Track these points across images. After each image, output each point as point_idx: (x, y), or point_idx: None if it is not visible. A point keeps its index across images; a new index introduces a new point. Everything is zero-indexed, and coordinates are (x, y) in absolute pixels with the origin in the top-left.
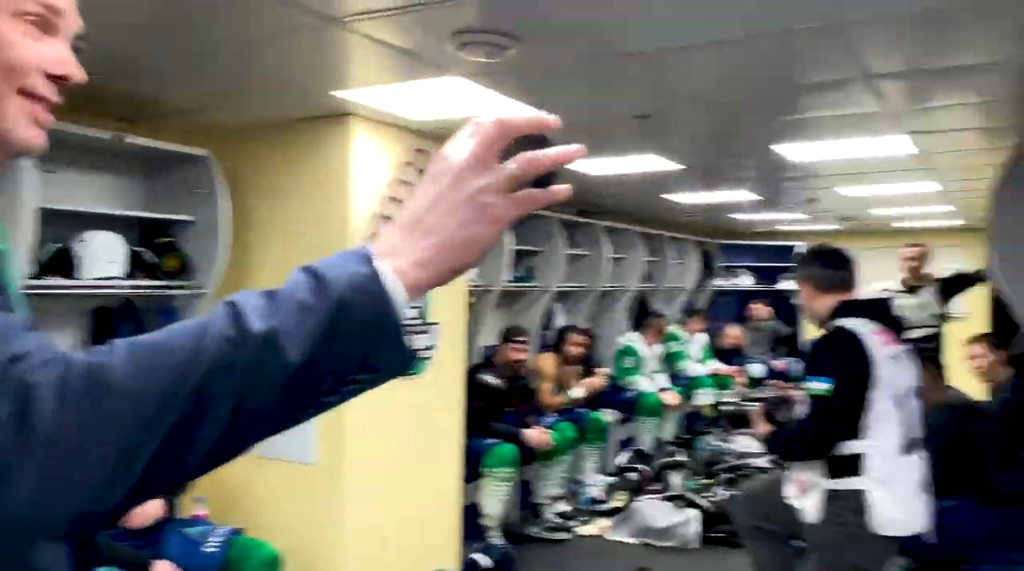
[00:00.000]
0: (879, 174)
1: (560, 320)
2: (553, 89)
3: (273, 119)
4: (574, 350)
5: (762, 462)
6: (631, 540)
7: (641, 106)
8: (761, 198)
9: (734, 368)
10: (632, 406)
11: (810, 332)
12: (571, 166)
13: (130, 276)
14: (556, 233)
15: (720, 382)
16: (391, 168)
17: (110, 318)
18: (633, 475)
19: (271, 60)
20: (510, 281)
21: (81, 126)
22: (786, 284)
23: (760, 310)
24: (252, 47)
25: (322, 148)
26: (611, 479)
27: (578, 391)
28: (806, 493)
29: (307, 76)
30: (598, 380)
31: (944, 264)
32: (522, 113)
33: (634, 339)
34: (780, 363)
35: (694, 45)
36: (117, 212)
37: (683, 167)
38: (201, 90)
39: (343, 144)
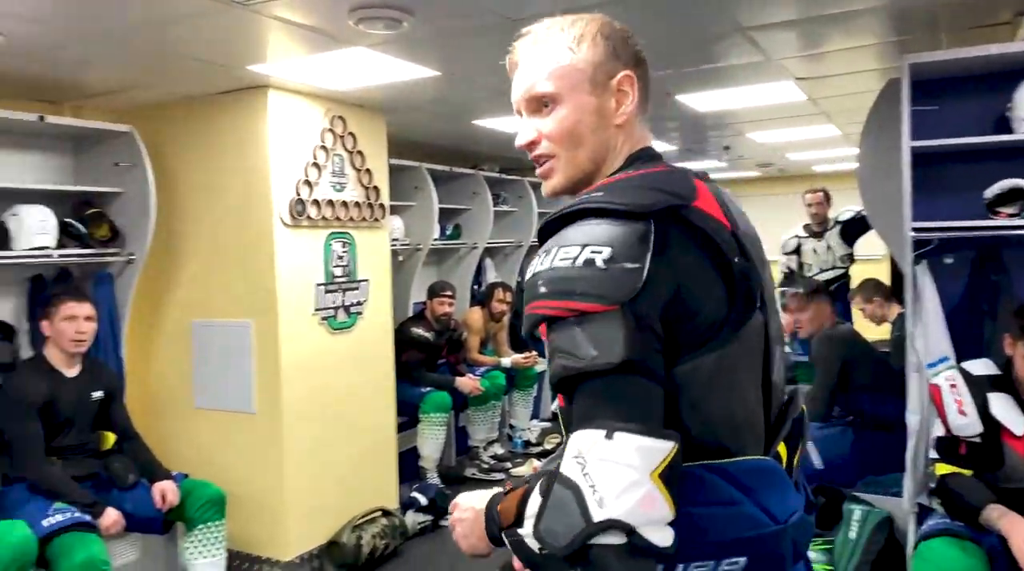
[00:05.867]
0: (781, 120)
1: (491, 275)
2: (454, 56)
3: (193, 94)
4: (499, 306)
5: None
6: None
7: None
8: (680, 148)
9: None
10: None
11: None
12: (490, 126)
13: (61, 246)
14: (482, 190)
15: None
16: (311, 135)
17: (46, 285)
18: None
19: (185, 40)
20: (438, 239)
21: (5, 110)
22: None
23: None
24: (165, 29)
25: (241, 119)
26: (545, 423)
27: (506, 361)
28: None
29: (221, 53)
30: (528, 361)
31: (846, 207)
32: None
33: None
34: None
35: (582, 6)
36: (46, 187)
37: None
38: (120, 71)
39: (260, 114)
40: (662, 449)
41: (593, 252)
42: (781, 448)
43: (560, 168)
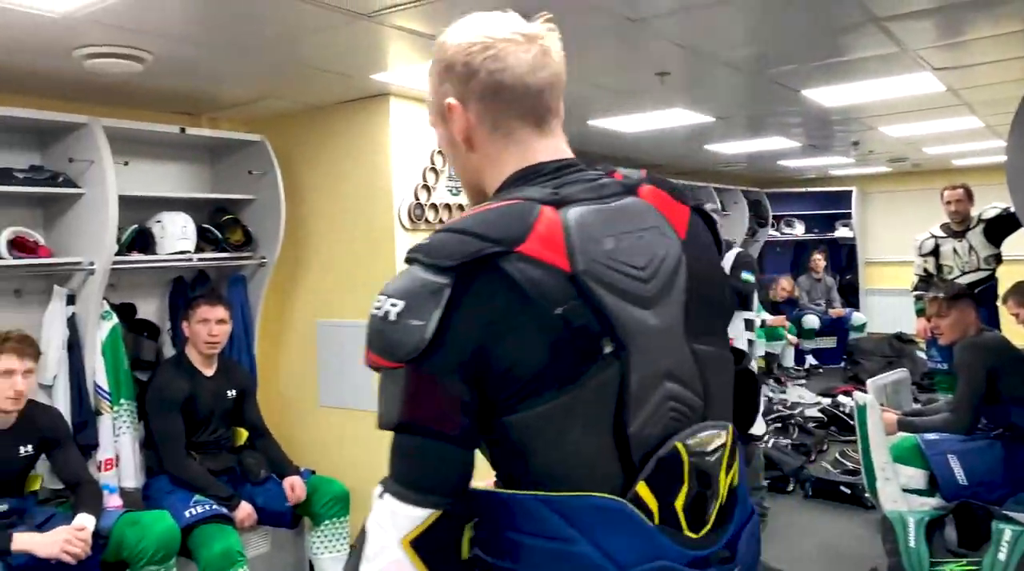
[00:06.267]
0: (916, 113)
1: None
2: (569, 57)
3: (319, 103)
4: None
5: (814, 411)
6: None
7: (660, 64)
8: (804, 144)
9: (780, 317)
10: None
11: (869, 280)
12: (603, 125)
13: (199, 250)
14: None
15: (770, 333)
16: (429, 141)
17: (185, 286)
18: None
19: (312, 52)
20: None
21: (149, 122)
22: (843, 231)
23: (819, 261)
24: (295, 43)
25: (364, 126)
26: None
27: None
28: None
29: (346, 64)
30: None
31: (990, 203)
32: None
33: None
34: (837, 311)
35: (702, 4)
36: (186, 195)
37: (713, 119)
38: (253, 83)
39: (383, 121)
40: (416, 517)
41: (392, 305)
42: (647, 495)
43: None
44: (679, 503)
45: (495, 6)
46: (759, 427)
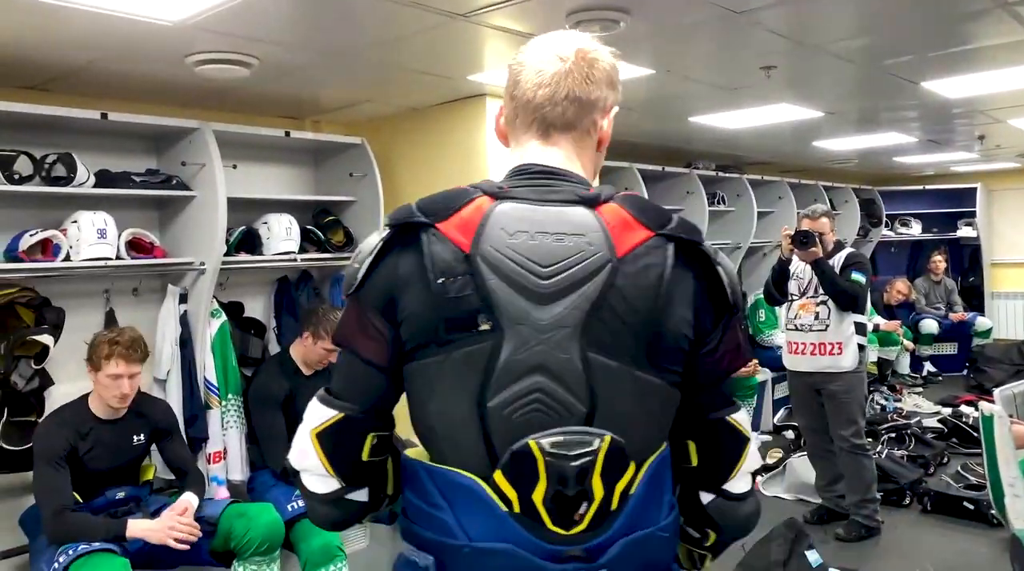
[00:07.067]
0: None
1: None
2: (670, 53)
3: (417, 105)
4: None
5: (932, 421)
6: (786, 496)
7: (766, 58)
8: (922, 139)
9: (894, 322)
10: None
11: (995, 282)
12: (705, 121)
13: (303, 250)
14: (696, 189)
15: (883, 338)
16: None
17: (290, 286)
18: (788, 433)
19: (410, 55)
20: None
21: (255, 126)
22: (965, 230)
23: (939, 262)
24: (394, 46)
25: (461, 127)
26: (765, 437)
27: None
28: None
29: (443, 65)
30: (748, 370)
31: None
32: None
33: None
34: (959, 315)
35: None
36: (290, 197)
37: (822, 114)
38: (353, 87)
39: (479, 122)
40: (324, 414)
41: (354, 253)
42: (504, 483)
43: None
44: (537, 497)
45: (586, 4)
46: (741, 484)
